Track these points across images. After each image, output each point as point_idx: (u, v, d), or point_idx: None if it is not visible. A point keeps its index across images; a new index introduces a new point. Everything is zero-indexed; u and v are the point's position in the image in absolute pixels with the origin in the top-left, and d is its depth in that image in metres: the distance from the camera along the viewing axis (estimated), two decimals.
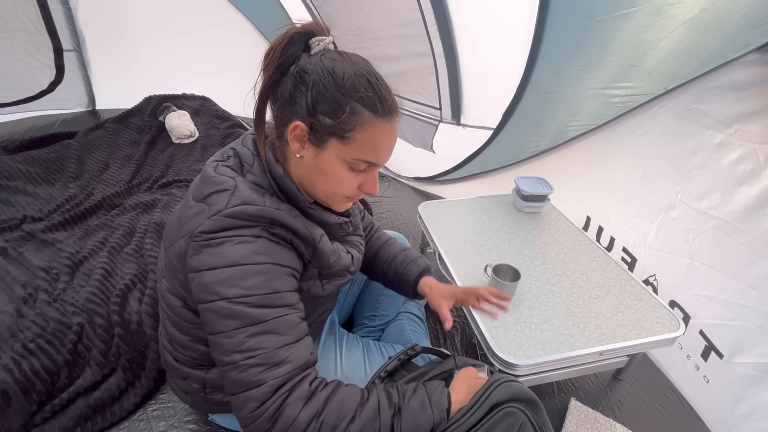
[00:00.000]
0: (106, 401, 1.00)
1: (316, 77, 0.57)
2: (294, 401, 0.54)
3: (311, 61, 0.58)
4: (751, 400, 0.98)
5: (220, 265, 0.56)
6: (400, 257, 0.96)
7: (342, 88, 0.57)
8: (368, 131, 0.60)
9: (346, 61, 0.59)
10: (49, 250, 1.41)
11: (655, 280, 1.24)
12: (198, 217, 0.59)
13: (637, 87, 1.15)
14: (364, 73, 0.59)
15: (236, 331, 0.55)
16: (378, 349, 0.99)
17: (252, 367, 0.54)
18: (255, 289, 0.56)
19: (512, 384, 0.67)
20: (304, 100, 0.58)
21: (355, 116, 0.58)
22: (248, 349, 0.55)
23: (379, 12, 1.77)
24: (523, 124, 1.55)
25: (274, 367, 0.55)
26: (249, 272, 0.56)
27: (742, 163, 0.96)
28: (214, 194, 0.60)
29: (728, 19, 0.87)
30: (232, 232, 0.57)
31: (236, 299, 0.55)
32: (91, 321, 1.13)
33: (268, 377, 0.54)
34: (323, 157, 0.61)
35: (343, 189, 0.65)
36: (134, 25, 2.53)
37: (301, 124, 0.59)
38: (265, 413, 0.53)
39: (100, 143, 2.15)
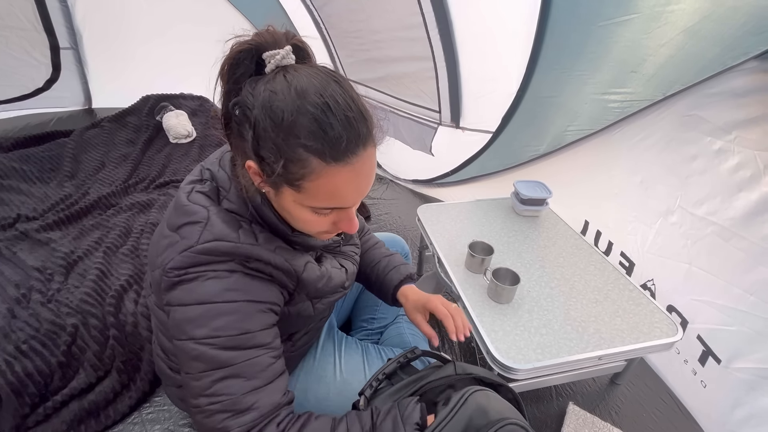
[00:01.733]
0: (101, 404, 0.99)
1: (256, 115, 0.48)
2: None
3: (254, 92, 0.49)
4: (749, 405, 0.99)
5: (189, 302, 0.53)
6: (383, 263, 0.92)
7: (281, 131, 0.47)
8: (320, 180, 0.50)
9: (290, 90, 0.47)
10: (43, 250, 1.39)
11: (653, 285, 1.25)
12: (170, 250, 0.55)
13: (636, 93, 1.16)
14: (309, 109, 0.47)
15: (203, 374, 0.53)
16: (377, 353, 0.98)
17: (217, 413, 0.52)
18: (223, 330, 0.53)
19: (489, 394, 0.64)
20: (249, 140, 0.50)
21: (300, 164, 0.49)
22: (213, 393, 0.52)
23: (380, 14, 1.77)
24: (523, 128, 1.56)
25: (238, 414, 0.52)
26: (218, 311, 0.53)
27: (741, 170, 0.96)
28: (186, 226, 0.56)
29: (728, 27, 0.87)
30: (205, 267, 0.53)
31: (203, 340, 0.52)
32: (85, 322, 1.12)
33: (232, 425, 0.52)
34: (282, 199, 0.55)
35: (315, 228, 0.59)
36: (132, 24, 2.51)
37: (253, 165, 0.52)
38: None
39: (96, 142, 2.13)
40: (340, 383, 0.87)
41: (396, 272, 0.90)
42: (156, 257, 0.59)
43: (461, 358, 1.26)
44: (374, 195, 2.18)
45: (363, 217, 1.19)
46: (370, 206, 2.03)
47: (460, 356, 1.27)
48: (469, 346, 1.29)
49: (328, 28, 2.11)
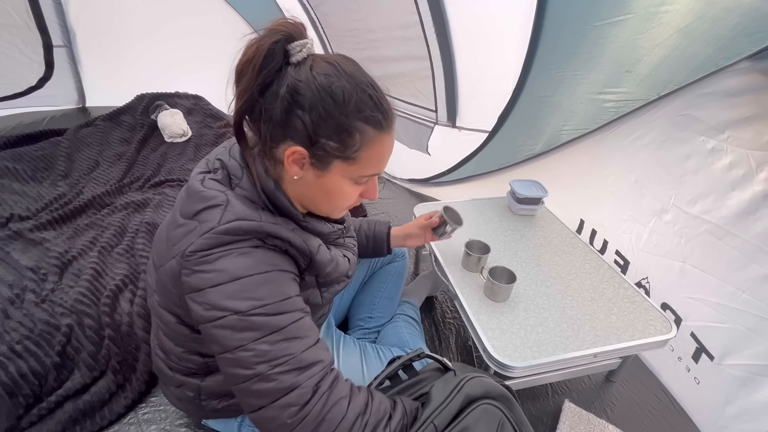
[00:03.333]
0: (96, 404, 0.98)
1: (313, 98, 0.53)
2: (338, 399, 0.54)
3: (300, 77, 0.53)
4: (742, 401, 1.00)
5: (224, 281, 0.53)
6: (364, 225, 1.05)
7: (345, 109, 0.54)
8: (373, 148, 0.58)
9: (340, 74, 0.54)
10: (36, 250, 1.38)
11: (647, 283, 1.26)
12: (189, 236, 0.56)
13: (631, 92, 1.17)
14: (364, 87, 0.55)
15: (256, 342, 0.53)
16: (375, 352, 0.98)
17: (282, 374, 0.52)
18: (268, 298, 0.54)
19: (484, 380, 0.67)
20: (302, 124, 0.54)
21: (360, 135, 0.56)
22: (273, 357, 0.53)
23: (376, 13, 1.77)
24: (518, 127, 1.57)
25: (305, 369, 0.53)
26: (257, 282, 0.54)
27: (734, 169, 0.97)
28: (205, 210, 0.57)
29: (721, 28, 0.88)
30: (229, 246, 0.55)
31: (250, 311, 0.53)
32: (80, 322, 1.11)
33: (302, 379, 0.53)
34: (327, 179, 0.59)
35: (346, 202, 0.65)
36: (126, 22, 2.49)
37: (300, 149, 0.55)
38: (308, 415, 0.52)
39: (90, 141, 2.11)
40: None
41: (379, 225, 1.05)
42: (170, 248, 0.59)
43: (458, 356, 1.27)
44: None
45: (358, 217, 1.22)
46: (367, 206, 2.03)
47: (456, 355, 1.27)
48: (466, 345, 1.30)
49: (324, 27, 2.10)
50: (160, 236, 0.66)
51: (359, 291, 1.20)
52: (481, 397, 0.64)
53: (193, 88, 2.66)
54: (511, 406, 0.67)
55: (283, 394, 0.52)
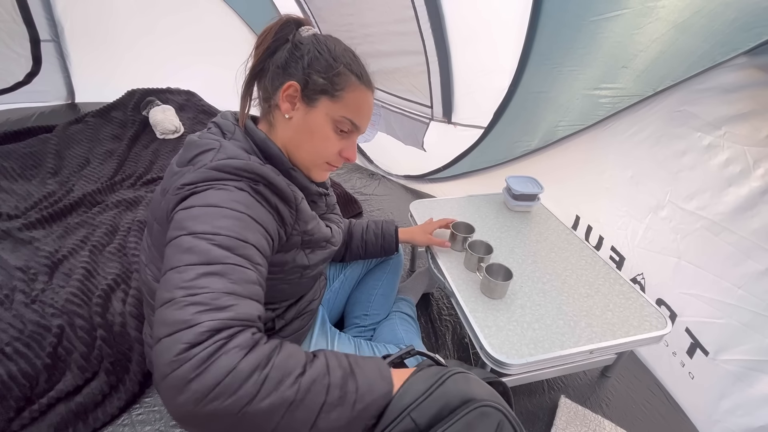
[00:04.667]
0: (89, 406, 0.97)
1: (311, 47, 0.67)
2: (233, 349, 0.45)
3: (304, 36, 0.68)
4: (736, 396, 1.01)
5: (196, 204, 0.55)
6: (372, 225, 1.12)
7: (333, 54, 0.68)
8: (354, 93, 0.69)
9: (333, 39, 0.71)
10: (26, 249, 1.35)
11: (642, 279, 1.26)
12: (183, 176, 0.60)
13: (627, 88, 1.16)
14: (348, 49, 0.71)
15: (190, 266, 0.49)
16: (370, 349, 0.98)
17: (191, 305, 0.46)
18: (224, 229, 0.53)
19: (469, 377, 0.61)
20: (300, 64, 0.66)
21: (345, 78, 0.67)
22: (194, 286, 0.48)
23: (370, 8, 1.74)
24: (514, 123, 1.56)
25: (214, 310, 0.46)
26: (223, 214, 0.55)
27: (730, 165, 0.97)
28: (200, 155, 0.63)
29: (718, 23, 0.88)
30: (215, 181, 0.58)
31: (202, 234, 0.52)
32: (71, 323, 1.09)
33: (205, 318, 0.45)
34: (313, 115, 0.68)
35: (327, 150, 0.72)
36: (116, 15, 2.45)
37: (294, 83, 0.66)
38: (192, 359, 0.43)
39: (80, 138, 2.07)
40: None
41: (386, 224, 1.13)
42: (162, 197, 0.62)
43: (454, 353, 1.26)
44: (366, 191, 2.17)
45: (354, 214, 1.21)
46: (362, 202, 2.02)
47: (453, 352, 1.27)
48: (462, 342, 1.30)
49: (318, 21, 2.08)
50: (156, 194, 0.69)
51: (355, 289, 1.19)
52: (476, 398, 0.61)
53: (186, 84, 2.62)
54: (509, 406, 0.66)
55: (180, 328, 0.45)
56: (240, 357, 0.45)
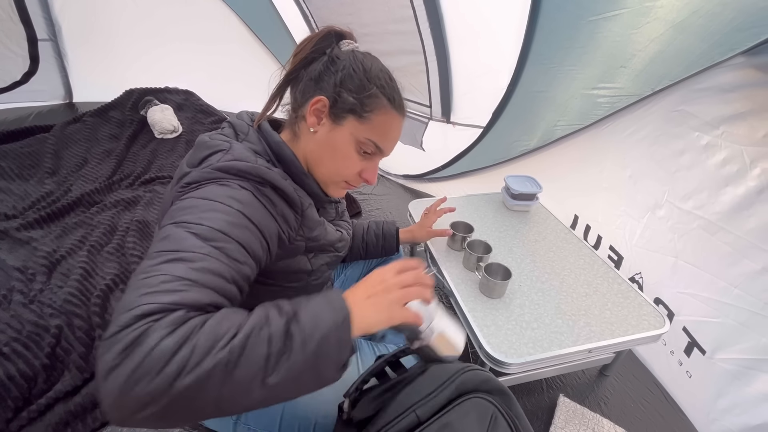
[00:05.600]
0: (87, 406, 0.97)
1: (347, 63, 0.66)
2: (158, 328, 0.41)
3: (343, 51, 0.67)
4: (733, 394, 1.01)
5: (192, 196, 0.54)
6: (372, 226, 1.10)
7: (368, 74, 0.66)
8: (383, 116, 0.67)
9: (371, 58, 0.69)
10: (24, 249, 1.35)
11: (640, 278, 1.27)
12: (188, 176, 0.59)
13: (625, 88, 1.16)
14: (385, 71, 0.69)
15: (160, 253, 0.47)
16: (369, 348, 0.98)
17: (140, 287, 0.44)
18: (207, 221, 0.50)
19: (479, 372, 0.64)
20: (332, 79, 0.65)
21: (376, 100, 0.66)
22: (153, 270, 0.45)
23: (369, 7, 1.74)
24: (513, 122, 1.56)
25: (159, 293, 0.43)
26: (213, 207, 0.52)
27: (728, 165, 0.98)
28: (209, 156, 0.62)
29: (716, 23, 0.88)
30: (218, 179, 0.57)
31: (183, 224, 0.50)
32: (70, 323, 1.09)
33: (145, 301, 0.42)
34: (338, 133, 0.67)
35: (347, 169, 0.70)
36: (114, 15, 2.44)
37: (324, 98, 0.65)
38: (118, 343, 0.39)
39: (78, 138, 2.07)
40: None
41: (387, 225, 1.11)
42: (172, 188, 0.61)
43: None
44: (365, 191, 2.17)
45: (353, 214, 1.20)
46: (361, 202, 2.01)
47: None
48: None
49: (317, 21, 2.07)
50: (165, 197, 0.66)
51: None
52: (473, 390, 0.62)
53: (184, 83, 2.61)
54: (509, 401, 0.66)
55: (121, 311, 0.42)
56: (165, 334, 0.40)
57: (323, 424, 0.82)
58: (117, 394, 0.38)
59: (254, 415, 0.82)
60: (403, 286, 0.54)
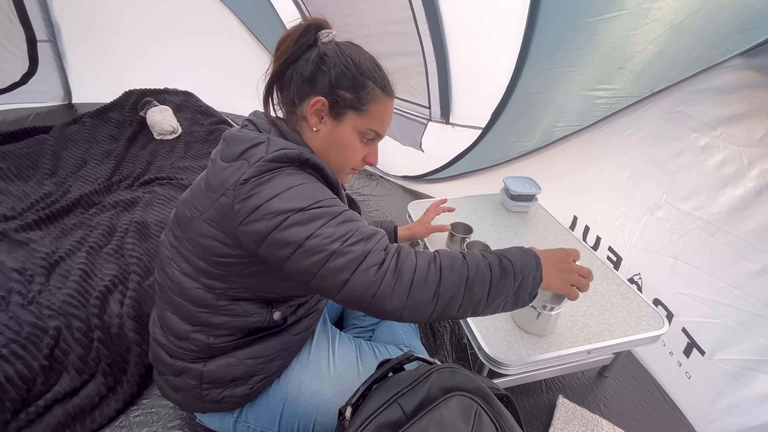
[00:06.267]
0: (86, 408, 0.96)
1: (337, 60, 0.67)
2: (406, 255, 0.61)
3: (329, 48, 0.68)
4: (732, 395, 1.01)
5: (281, 191, 0.61)
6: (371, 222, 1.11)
7: (360, 68, 0.68)
8: (379, 105, 0.71)
9: (358, 49, 0.72)
10: (22, 251, 1.34)
11: (639, 279, 1.27)
12: (238, 172, 0.63)
13: (623, 89, 1.17)
14: (373, 60, 0.73)
15: (322, 228, 0.59)
16: (370, 349, 0.98)
17: (353, 245, 0.59)
18: (321, 196, 0.63)
19: (456, 371, 0.67)
20: (326, 78, 0.67)
21: (371, 92, 0.69)
22: (341, 234, 0.59)
23: (369, 8, 1.74)
24: (512, 123, 1.56)
25: (370, 238, 0.61)
26: (310, 188, 0.63)
27: (726, 166, 0.98)
28: (250, 149, 0.65)
29: (715, 24, 0.88)
30: (277, 170, 0.63)
31: (311, 206, 0.60)
32: (68, 324, 1.08)
33: (371, 245, 0.60)
34: (341, 129, 0.71)
35: (354, 158, 0.75)
36: (113, 16, 2.43)
37: (322, 99, 0.68)
38: (388, 270, 0.58)
39: (77, 138, 2.06)
40: (334, 378, 0.87)
41: (386, 223, 1.15)
42: (215, 192, 0.65)
43: (453, 354, 1.27)
44: (364, 192, 2.17)
45: None
46: (360, 203, 2.01)
47: (451, 352, 1.27)
48: (461, 343, 1.30)
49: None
50: (194, 192, 0.73)
51: None
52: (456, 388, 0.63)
53: (183, 84, 2.61)
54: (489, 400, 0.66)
55: (361, 260, 0.58)
56: (415, 257, 0.61)
57: (322, 422, 0.83)
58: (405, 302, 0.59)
59: (254, 413, 0.83)
60: (580, 273, 0.72)
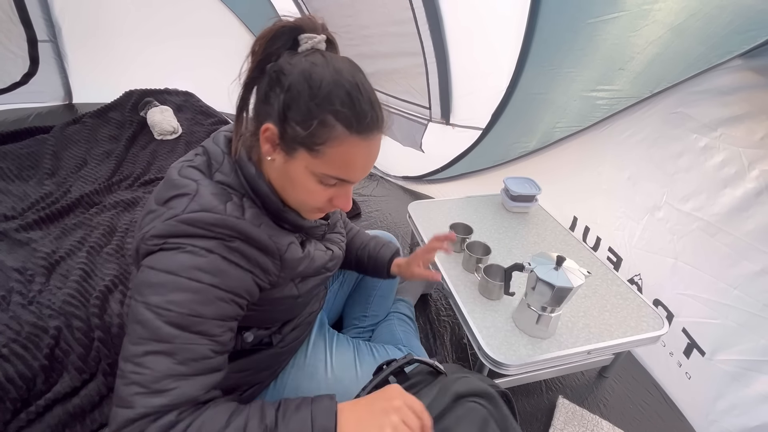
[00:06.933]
0: (86, 407, 0.96)
1: (292, 80, 0.53)
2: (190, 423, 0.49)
3: (292, 61, 0.54)
4: (732, 395, 1.01)
5: (158, 268, 0.52)
6: (372, 244, 1.00)
7: (316, 97, 0.52)
8: (340, 147, 0.54)
9: (328, 65, 0.54)
10: (23, 250, 1.34)
11: (639, 280, 1.27)
12: (155, 221, 0.55)
13: (624, 90, 1.17)
14: (344, 84, 0.53)
15: (140, 340, 0.50)
16: (369, 350, 0.98)
17: (133, 384, 0.49)
18: (176, 305, 0.51)
19: (469, 380, 0.65)
20: (277, 103, 0.54)
21: (327, 130, 0.53)
22: (141, 363, 0.49)
23: (369, 9, 1.75)
24: (512, 124, 1.56)
25: (151, 394, 0.48)
26: (179, 286, 0.51)
27: (726, 166, 0.98)
28: (174, 198, 0.56)
29: (714, 25, 0.89)
30: (185, 239, 0.53)
31: (154, 308, 0.50)
32: (69, 324, 1.08)
33: (139, 403, 0.48)
34: (292, 166, 0.57)
35: (312, 200, 0.61)
36: (113, 16, 2.44)
37: (272, 127, 0.55)
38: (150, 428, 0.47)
39: (78, 139, 2.06)
40: (331, 380, 0.86)
41: (386, 249, 0.99)
42: (138, 231, 0.58)
43: (453, 354, 1.27)
44: (364, 192, 2.17)
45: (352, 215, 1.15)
46: (361, 203, 2.02)
47: (451, 353, 1.27)
48: (461, 343, 1.30)
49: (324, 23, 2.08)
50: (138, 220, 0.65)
51: (353, 290, 1.19)
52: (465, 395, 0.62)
53: (184, 85, 2.61)
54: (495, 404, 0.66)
55: (121, 405, 0.48)
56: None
57: None
58: None
59: None
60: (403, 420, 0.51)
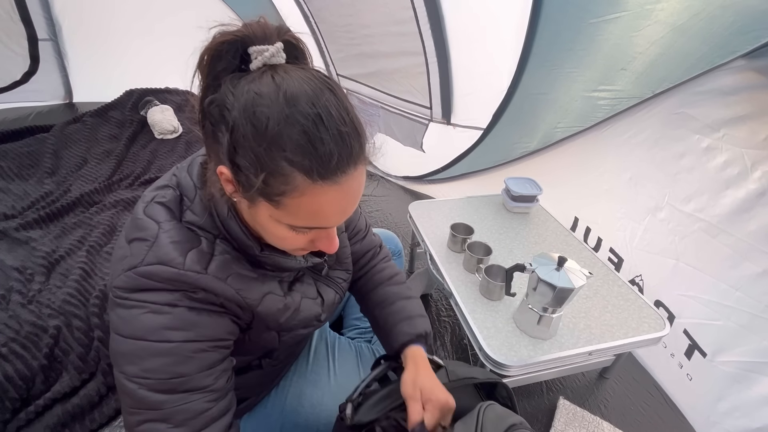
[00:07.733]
0: (85, 407, 0.96)
1: (236, 118, 0.42)
2: None
3: (235, 91, 0.42)
4: (733, 397, 1.01)
5: (125, 334, 0.48)
6: (397, 306, 0.78)
7: (263, 141, 0.41)
8: (303, 198, 0.44)
9: (278, 95, 0.41)
10: (22, 249, 1.35)
11: (641, 281, 1.26)
12: (119, 265, 0.50)
13: (625, 90, 1.16)
14: (298, 119, 0.41)
15: (132, 410, 0.48)
16: (371, 353, 0.97)
17: None
18: (153, 373, 0.47)
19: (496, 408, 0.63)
20: (225, 144, 0.43)
21: (283, 179, 0.43)
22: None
23: (370, 9, 1.74)
24: (513, 124, 1.56)
25: None
26: (151, 352, 0.47)
27: (728, 167, 0.98)
28: (135, 241, 0.50)
29: (717, 26, 0.88)
30: (145, 295, 0.48)
31: (134, 378, 0.47)
32: (68, 324, 1.08)
33: None
34: (256, 213, 0.48)
35: (290, 245, 0.53)
36: (115, 15, 2.44)
37: (226, 172, 0.45)
38: None
39: (78, 138, 2.07)
40: (334, 387, 0.85)
41: (408, 325, 0.74)
42: (111, 268, 0.53)
43: (453, 355, 1.26)
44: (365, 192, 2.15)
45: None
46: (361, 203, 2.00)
47: (452, 353, 1.27)
48: (461, 343, 1.30)
49: (318, 22, 2.07)
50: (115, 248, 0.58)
51: None
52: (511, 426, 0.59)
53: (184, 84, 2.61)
54: None
55: None
56: None
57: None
58: None
59: (252, 426, 0.81)
60: None
